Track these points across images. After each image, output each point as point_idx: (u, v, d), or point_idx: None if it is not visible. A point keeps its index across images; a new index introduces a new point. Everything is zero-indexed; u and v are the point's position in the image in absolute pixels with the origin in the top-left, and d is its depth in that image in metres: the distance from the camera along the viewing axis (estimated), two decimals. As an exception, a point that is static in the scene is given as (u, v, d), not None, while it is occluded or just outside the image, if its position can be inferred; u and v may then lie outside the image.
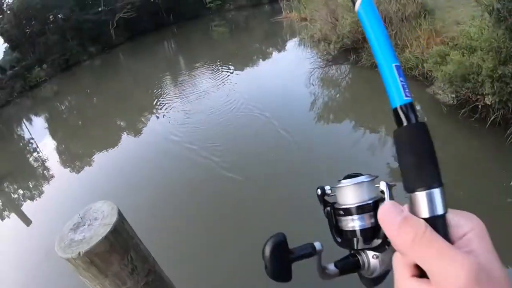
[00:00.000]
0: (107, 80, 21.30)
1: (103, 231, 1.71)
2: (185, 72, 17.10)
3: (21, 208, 9.69)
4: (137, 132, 11.53)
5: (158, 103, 12.83)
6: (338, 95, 10.22)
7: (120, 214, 1.84)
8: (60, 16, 32.50)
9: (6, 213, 10.11)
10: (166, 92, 14.11)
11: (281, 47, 16.98)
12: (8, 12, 31.67)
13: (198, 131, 9.64)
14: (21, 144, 16.17)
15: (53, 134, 15.23)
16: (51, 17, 32.36)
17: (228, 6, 35.72)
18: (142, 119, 12.43)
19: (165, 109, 12.08)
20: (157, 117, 11.78)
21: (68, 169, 10.80)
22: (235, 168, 7.22)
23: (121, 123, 13.11)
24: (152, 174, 8.26)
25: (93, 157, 10.63)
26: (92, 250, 1.66)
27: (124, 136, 11.53)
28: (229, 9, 35.62)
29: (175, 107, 12.02)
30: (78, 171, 10.37)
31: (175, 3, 34.92)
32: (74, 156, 11.76)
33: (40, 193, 10.16)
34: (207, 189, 6.95)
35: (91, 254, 1.67)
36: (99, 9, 33.73)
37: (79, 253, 1.65)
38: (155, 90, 14.57)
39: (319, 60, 12.30)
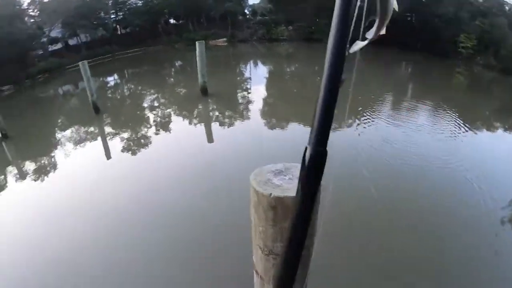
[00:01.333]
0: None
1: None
2: (409, 101, 16.25)
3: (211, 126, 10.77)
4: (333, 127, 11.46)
5: (365, 114, 12.50)
6: None
7: (325, 190, 1.83)
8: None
9: (197, 121, 11.34)
10: (380, 108, 13.72)
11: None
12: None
13: (383, 162, 8.96)
14: (238, 78, 17.81)
15: (268, 86, 16.34)
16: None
17: (478, 59, 32.64)
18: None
19: (367, 122, 11.76)
20: (358, 125, 11.52)
21: (264, 121, 11.47)
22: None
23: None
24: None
25: (289, 125, 11.05)
26: (282, 199, 1.68)
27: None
28: (478, 63, 32.45)
29: (378, 126, 11.55)
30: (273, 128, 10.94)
31: (432, 34, 33.37)
32: (277, 116, 12.35)
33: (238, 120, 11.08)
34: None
35: (278, 201, 1.69)
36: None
37: (270, 194, 1.68)
38: (372, 100, 14.26)
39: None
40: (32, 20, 38.83)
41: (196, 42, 12.66)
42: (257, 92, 14.56)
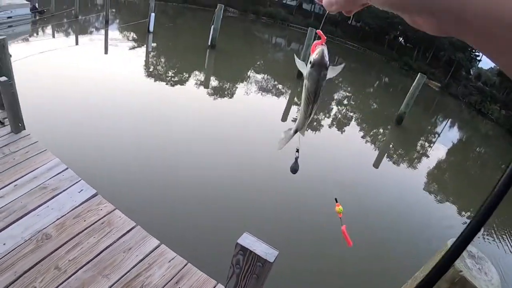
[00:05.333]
0: None
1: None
2: None
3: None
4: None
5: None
6: None
7: None
8: None
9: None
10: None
11: None
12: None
13: None
14: (429, 127, 17.03)
15: (449, 153, 15.34)
16: None
17: None
18: None
19: None
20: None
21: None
22: None
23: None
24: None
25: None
26: (467, 282, 1.78)
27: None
28: None
29: None
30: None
31: None
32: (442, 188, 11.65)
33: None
34: None
35: (462, 282, 1.80)
36: None
37: (461, 271, 1.79)
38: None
39: None
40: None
41: (419, 73, 12.65)
42: (436, 153, 13.78)
